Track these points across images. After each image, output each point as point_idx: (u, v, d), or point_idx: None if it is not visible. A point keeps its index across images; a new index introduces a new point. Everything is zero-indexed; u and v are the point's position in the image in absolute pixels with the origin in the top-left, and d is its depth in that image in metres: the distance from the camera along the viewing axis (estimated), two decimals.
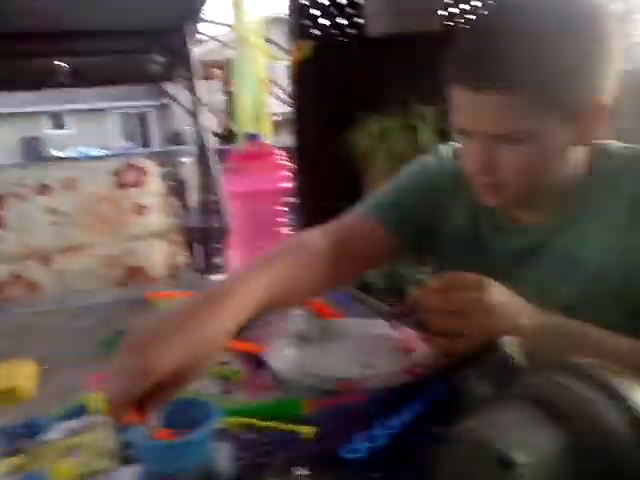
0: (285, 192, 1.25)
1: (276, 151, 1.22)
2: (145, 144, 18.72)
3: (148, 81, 3.20)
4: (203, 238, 3.42)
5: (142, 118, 20.41)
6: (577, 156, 0.79)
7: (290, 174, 1.22)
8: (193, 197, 3.70)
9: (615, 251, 0.76)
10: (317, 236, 0.90)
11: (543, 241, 0.83)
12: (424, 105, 2.36)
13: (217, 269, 3.24)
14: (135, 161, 1.93)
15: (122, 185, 1.90)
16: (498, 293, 0.65)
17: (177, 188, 4.93)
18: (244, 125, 1.34)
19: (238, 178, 1.21)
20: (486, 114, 0.72)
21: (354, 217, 0.96)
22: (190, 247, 3.73)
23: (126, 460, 0.68)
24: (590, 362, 0.51)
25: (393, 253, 0.99)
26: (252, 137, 1.24)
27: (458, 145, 0.84)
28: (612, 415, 0.46)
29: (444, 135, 2.22)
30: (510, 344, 0.55)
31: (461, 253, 0.93)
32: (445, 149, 0.98)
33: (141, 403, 0.61)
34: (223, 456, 0.68)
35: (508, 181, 0.76)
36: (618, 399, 0.47)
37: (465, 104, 0.74)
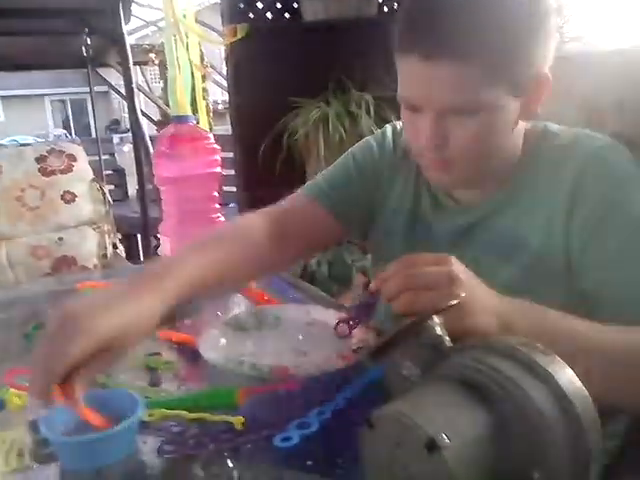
0: (218, 178, 1.21)
1: (207, 134, 1.18)
2: (83, 132, 18.13)
3: (79, 65, 3.05)
4: (141, 228, 3.34)
5: (80, 105, 19.72)
6: (520, 134, 0.80)
7: (220, 159, 1.19)
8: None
9: (557, 234, 0.76)
10: (257, 221, 0.89)
11: (483, 220, 0.83)
12: (363, 92, 2.36)
13: (155, 259, 3.16)
14: (61, 146, 1.84)
15: (48, 172, 1.80)
16: (461, 267, 0.63)
17: (115, 177, 4.80)
18: (180, 111, 1.30)
19: (167, 163, 1.16)
20: (437, 84, 0.71)
21: (296, 201, 0.95)
22: (129, 237, 3.65)
23: (44, 458, 0.65)
24: (517, 340, 0.51)
25: (336, 237, 0.98)
26: (182, 120, 1.19)
27: (404, 122, 0.81)
28: (538, 396, 0.46)
29: (384, 122, 2.22)
30: (437, 324, 0.54)
31: (399, 234, 0.92)
32: (388, 129, 0.97)
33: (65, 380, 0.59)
34: (149, 450, 0.65)
35: (458, 156, 0.75)
36: (545, 379, 0.47)
37: (416, 74, 0.72)
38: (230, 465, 0.62)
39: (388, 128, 0.98)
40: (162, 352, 0.92)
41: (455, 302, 0.56)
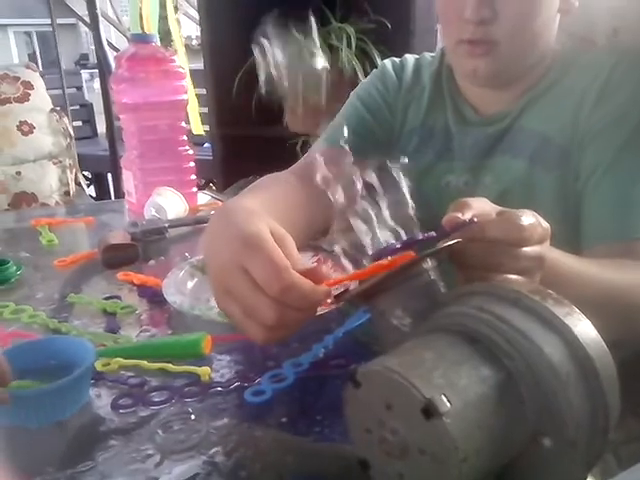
0: (185, 106, 1.10)
1: (172, 57, 1.07)
2: (51, 69, 17.42)
3: None
4: (111, 167, 3.20)
5: (47, 39, 18.88)
6: (553, 37, 0.81)
7: (186, 85, 1.08)
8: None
9: (580, 127, 0.77)
10: (287, 175, 0.86)
11: (512, 125, 0.83)
12: (344, 23, 2.22)
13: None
14: (15, 72, 1.68)
15: (2, 100, 1.65)
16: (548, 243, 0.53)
17: (83, 112, 4.57)
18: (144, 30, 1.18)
19: (127, 87, 1.04)
20: None
21: (319, 152, 0.91)
22: (99, 177, 3.50)
23: None
24: (526, 286, 0.44)
25: None
26: (143, 39, 1.06)
27: (441, 3, 0.80)
28: (553, 351, 0.39)
29: (365, 56, 2.10)
30: (431, 267, 0.47)
31: (418, 155, 0.91)
32: (386, 64, 0.97)
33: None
34: (103, 404, 0.58)
35: (504, 34, 0.76)
36: (560, 332, 0.40)
37: None
38: (194, 422, 0.55)
39: (386, 63, 0.98)
40: (121, 295, 0.85)
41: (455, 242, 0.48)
